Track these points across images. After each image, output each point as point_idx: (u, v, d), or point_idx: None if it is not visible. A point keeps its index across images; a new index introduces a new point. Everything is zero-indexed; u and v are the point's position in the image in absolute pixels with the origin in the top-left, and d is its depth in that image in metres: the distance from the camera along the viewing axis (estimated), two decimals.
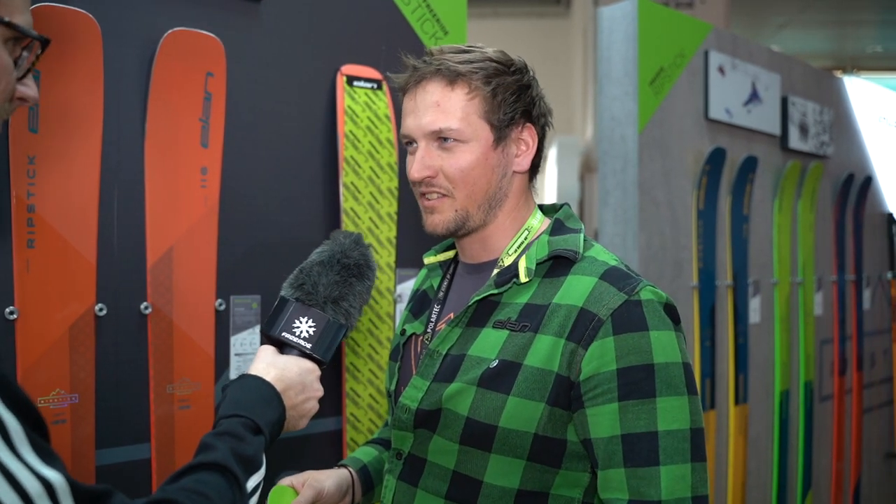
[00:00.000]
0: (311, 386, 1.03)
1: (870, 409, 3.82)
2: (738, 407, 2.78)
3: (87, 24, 1.36)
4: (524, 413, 1.02)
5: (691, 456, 0.99)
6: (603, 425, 1.00)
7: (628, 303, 1.02)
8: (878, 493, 3.89)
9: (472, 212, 1.12)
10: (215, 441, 0.88)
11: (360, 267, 1.10)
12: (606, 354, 1.00)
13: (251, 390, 0.96)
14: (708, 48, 2.65)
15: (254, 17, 1.63)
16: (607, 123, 2.49)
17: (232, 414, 0.92)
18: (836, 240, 3.49)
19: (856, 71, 10.41)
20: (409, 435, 1.12)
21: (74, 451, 1.36)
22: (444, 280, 1.23)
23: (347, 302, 1.07)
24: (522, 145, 1.14)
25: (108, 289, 1.42)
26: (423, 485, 1.10)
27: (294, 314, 1.04)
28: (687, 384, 1.02)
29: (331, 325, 1.05)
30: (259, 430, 0.92)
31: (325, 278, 1.06)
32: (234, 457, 0.87)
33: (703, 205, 2.64)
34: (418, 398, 1.10)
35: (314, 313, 1.05)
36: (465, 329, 1.11)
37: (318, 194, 1.74)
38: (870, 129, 3.78)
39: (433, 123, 1.09)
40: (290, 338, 1.03)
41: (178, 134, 1.50)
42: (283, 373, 1.00)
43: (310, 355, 1.04)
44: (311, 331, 1.04)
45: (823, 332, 3.39)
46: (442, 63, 1.09)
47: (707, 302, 2.64)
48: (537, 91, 1.16)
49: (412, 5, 1.90)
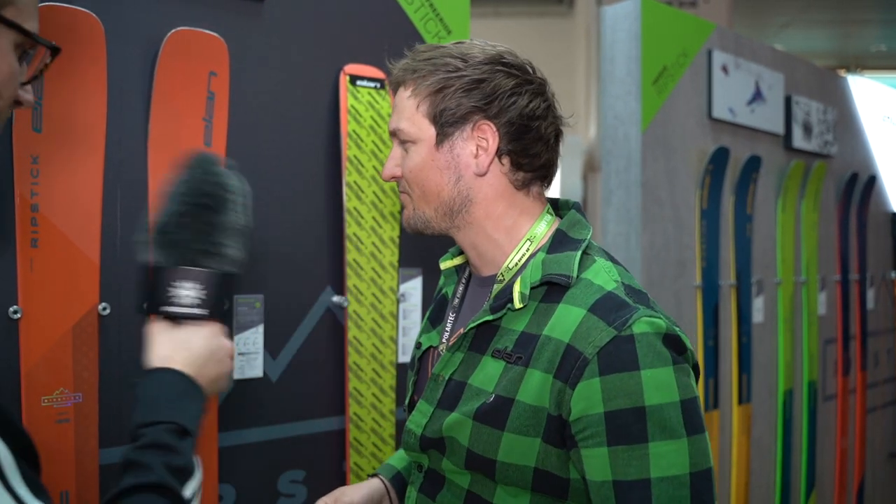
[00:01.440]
0: (221, 349, 0.95)
1: (873, 408, 3.81)
2: (741, 407, 2.78)
3: (90, 23, 1.36)
4: (520, 448, 0.98)
5: (691, 502, 0.91)
6: (595, 468, 0.94)
7: (617, 339, 0.93)
8: (881, 493, 3.89)
9: (430, 214, 1.08)
10: (144, 457, 0.81)
11: (219, 198, 0.94)
12: (593, 396, 0.93)
13: (166, 386, 0.88)
14: (711, 47, 2.64)
15: (257, 17, 1.63)
16: (610, 123, 2.49)
17: (153, 421, 0.84)
18: (840, 239, 3.48)
19: (859, 70, 10.39)
20: (422, 455, 1.10)
21: (78, 450, 1.36)
22: (460, 286, 1.19)
23: (222, 245, 0.94)
24: (482, 143, 1.04)
25: (112, 288, 1.42)
26: (440, 500, 1.08)
27: (172, 282, 0.91)
28: (686, 423, 0.93)
29: (215, 279, 0.93)
30: (186, 431, 0.85)
31: (187, 231, 0.92)
32: (168, 471, 0.80)
33: (707, 204, 2.64)
34: (423, 424, 1.08)
35: (193, 273, 0.92)
36: (468, 353, 1.06)
37: (321, 194, 1.74)
38: (873, 128, 3.77)
39: (391, 124, 1.10)
40: (179, 310, 0.92)
41: (182, 133, 1.50)
42: (189, 354, 0.91)
43: (206, 318, 0.93)
44: (197, 293, 0.92)
45: (827, 331, 3.38)
46: (405, 64, 1.08)
47: (710, 301, 2.64)
48: (503, 84, 1.03)
49: (415, 4, 1.90)
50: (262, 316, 1.63)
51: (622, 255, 2.45)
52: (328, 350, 1.74)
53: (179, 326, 0.93)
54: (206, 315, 0.93)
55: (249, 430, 1.63)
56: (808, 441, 3.19)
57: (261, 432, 1.65)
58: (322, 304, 1.74)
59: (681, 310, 2.54)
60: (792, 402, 3.08)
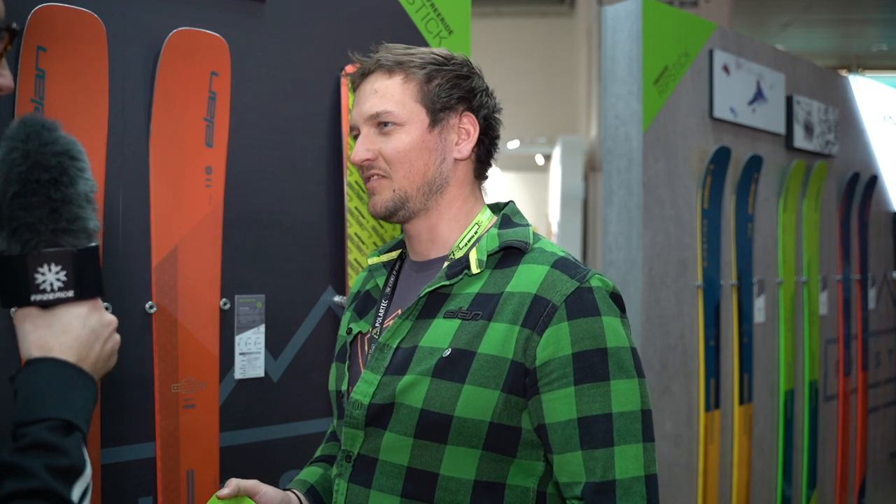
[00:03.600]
0: (103, 326, 0.89)
1: (875, 408, 3.81)
2: (742, 406, 2.78)
3: (92, 23, 1.36)
4: (479, 401, 1.03)
5: (643, 436, 1.02)
6: (559, 410, 1.02)
7: (580, 289, 1.05)
8: (882, 493, 3.89)
9: (411, 193, 1.15)
10: (24, 461, 0.75)
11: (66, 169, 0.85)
12: (562, 339, 1.03)
13: (45, 378, 0.82)
14: (712, 47, 2.64)
15: (258, 17, 1.64)
16: (612, 122, 2.49)
17: (34, 419, 0.78)
18: (841, 239, 3.48)
19: (861, 70, 10.39)
20: (359, 434, 1.10)
21: None
22: (391, 277, 1.25)
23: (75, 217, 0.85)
24: (463, 133, 1.17)
25: (113, 288, 1.42)
26: (376, 485, 1.08)
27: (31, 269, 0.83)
28: (636, 367, 1.06)
29: (78, 256, 0.85)
30: (72, 426, 0.79)
31: (36, 212, 0.83)
32: (52, 474, 0.75)
33: (708, 204, 2.64)
34: (370, 393, 1.09)
35: (52, 255, 0.84)
36: (416, 321, 1.12)
37: (323, 194, 1.75)
38: (875, 127, 3.77)
39: (371, 108, 1.15)
40: (47, 297, 0.84)
41: (183, 133, 1.50)
42: (67, 338, 0.84)
43: (79, 299, 0.86)
44: (62, 275, 0.84)
45: (828, 331, 3.38)
46: (382, 57, 1.16)
47: (711, 301, 2.64)
48: (479, 84, 1.19)
49: (416, 4, 1.90)
50: (264, 316, 1.64)
51: (623, 255, 2.46)
52: (330, 350, 1.74)
53: (51, 311, 0.85)
54: (77, 297, 0.85)
55: (251, 430, 1.63)
56: (809, 441, 3.19)
57: (262, 432, 1.65)
58: (323, 304, 1.74)
59: (682, 309, 2.54)
60: (793, 401, 3.08)
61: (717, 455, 2.67)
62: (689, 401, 2.57)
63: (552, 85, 10.33)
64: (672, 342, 2.51)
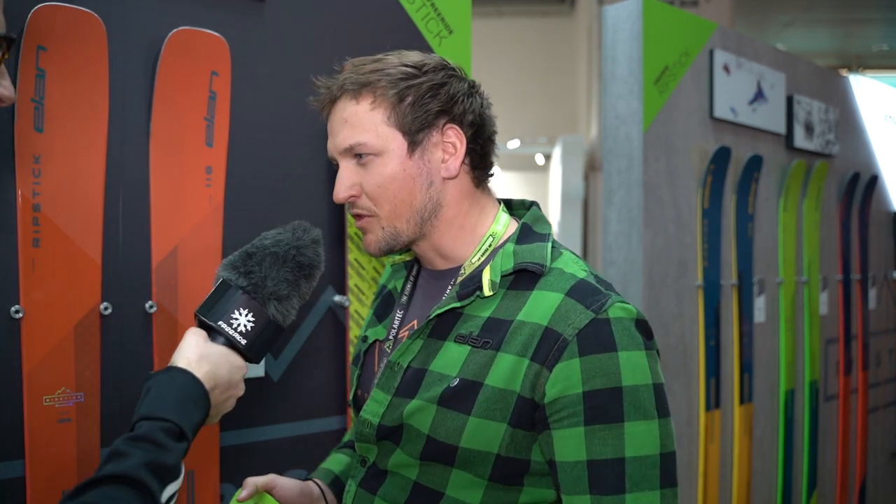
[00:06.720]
0: (237, 385, 0.97)
1: (875, 408, 3.81)
2: (742, 406, 2.78)
3: (92, 23, 1.36)
4: (486, 433, 0.98)
5: (661, 482, 0.95)
6: (568, 449, 0.96)
7: (596, 321, 0.97)
8: (883, 493, 3.88)
9: (401, 227, 1.08)
10: (130, 448, 0.81)
11: (312, 268, 1.02)
12: (572, 377, 0.95)
13: (180, 388, 0.89)
14: (713, 47, 2.64)
15: (258, 17, 1.63)
16: (612, 122, 2.49)
17: (155, 416, 0.84)
18: (842, 239, 3.48)
19: (861, 69, 10.39)
20: (372, 447, 1.09)
21: (80, 449, 1.36)
22: (408, 282, 1.20)
23: (291, 303, 0.99)
24: (449, 148, 1.07)
25: (114, 288, 1.42)
26: (382, 493, 1.07)
27: (235, 304, 0.96)
28: (657, 407, 0.97)
29: (270, 325, 0.97)
30: (183, 435, 0.85)
31: (276, 273, 0.98)
32: (149, 467, 0.80)
33: (708, 204, 2.64)
34: (380, 413, 1.07)
35: (256, 308, 0.96)
36: (427, 340, 1.07)
37: (323, 194, 1.74)
38: (875, 127, 3.77)
39: (344, 141, 1.06)
40: (227, 329, 0.95)
41: (183, 133, 1.50)
42: (214, 369, 0.93)
43: (242, 352, 0.97)
44: (249, 326, 0.96)
45: (829, 331, 3.38)
46: (346, 78, 1.07)
47: (712, 301, 2.63)
48: (457, 87, 1.07)
49: (416, 4, 1.90)
50: None
51: (623, 255, 2.45)
52: (330, 350, 1.74)
53: (217, 344, 0.96)
54: (244, 349, 0.96)
55: (251, 430, 1.63)
56: (810, 441, 3.19)
57: (262, 432, 1.65)
58: (324, 304, 1.74)
59: (682, 309, 2.54)
60: (793, 401, 3.08)
61: (718, 455, 2.67)
62: (690, 401, 2.57)
63: (552, 85, 10.33)
64: (672, 342, 2.51)
